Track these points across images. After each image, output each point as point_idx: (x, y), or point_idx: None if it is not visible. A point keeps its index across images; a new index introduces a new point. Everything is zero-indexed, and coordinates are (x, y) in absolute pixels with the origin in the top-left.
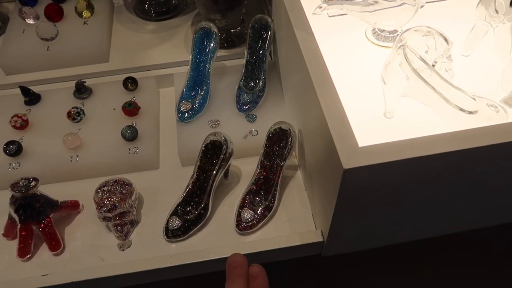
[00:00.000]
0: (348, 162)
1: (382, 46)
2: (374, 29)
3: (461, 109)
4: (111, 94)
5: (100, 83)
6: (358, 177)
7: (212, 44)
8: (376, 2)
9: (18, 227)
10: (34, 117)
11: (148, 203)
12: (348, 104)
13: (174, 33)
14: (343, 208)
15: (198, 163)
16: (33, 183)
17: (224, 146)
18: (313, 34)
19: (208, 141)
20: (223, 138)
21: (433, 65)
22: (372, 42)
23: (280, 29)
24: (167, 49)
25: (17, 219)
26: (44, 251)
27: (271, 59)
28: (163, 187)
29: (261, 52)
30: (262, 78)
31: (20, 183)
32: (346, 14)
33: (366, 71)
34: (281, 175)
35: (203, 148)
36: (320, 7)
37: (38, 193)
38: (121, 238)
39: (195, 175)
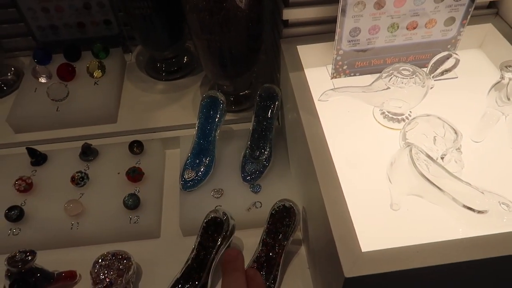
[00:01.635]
0: (350, 270)
1: (391, 128)
2: (382, 110)
3: (470, 208)
4: (116, 157)
5: (107, 144)
6: (359, 284)
7: (218, 112)
8: (381, 87)
9: None
10: (38, 179)
11: (146, 276)
12: (352, 191)
13: (183, 94)
14: None
15: (199, 239)
16: (29, 257)
17: (225, 224)
18: (318, 118)
19: (209, 218)
20: (223, 216)
21: (442, 158)
22: (379, 123)
23: (287, 100)
24: (175, 111)
25: None
26: None
27: (279, 124)
28: (162, 258)
29: (267, 121)
30: (268, 147)
31: (17, 256)
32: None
33: (373, 155)
34: (283, 255)
35: (204, 225)
36: (326, 94)
37: (34, 267)
38: None
39: (195, 251)
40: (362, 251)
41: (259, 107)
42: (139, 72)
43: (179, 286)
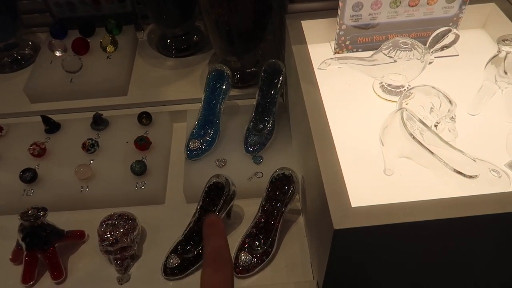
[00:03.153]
0: (339, 222)
1: (389, 100)
2: (382, 82)
3: (460, 173)
4: (126, 127)
5: (117, 115)
6: (348, 237)
7: (224, 86)
8: (380, 59)
9: (24, 254)
10: (52, 145)
11: (150, 238)
12: (347, 158)
13: (191, 70)
14: (335, 264)
15: (201, 203)
16: (41, 213)
17: (226, 188)
18: (318, 87)
19: (211, 183)
20: (225, 180)
21: (436, 125)
22: (378, 95)
23: (290, 76)
24: (183, 86)
25: (23, 246)
26: (47, 278)
27: (283, 100)
28: (166, 223)
29: (271, 95)
30: (271, 121)
31: (30, 212)
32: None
33: (369, 124)
34: (281, 221)
35: (206, 189)
36: (325, 63)
37: (46, 223)
38: (120, 272)
39: (197, 214)
40: (352, 206)
41: (263, 82)
42: (150, 49)
43: (181, 246)
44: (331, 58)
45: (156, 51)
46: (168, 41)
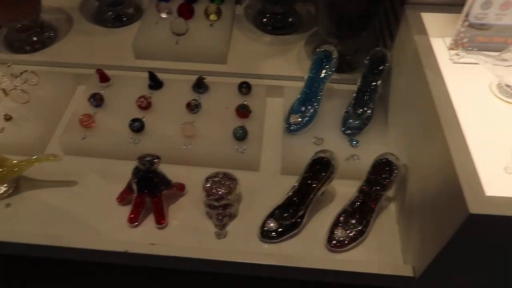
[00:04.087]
0: (475, 208)
1: (506, 102)
2: (500, 83)
3: None
4: (225, 94)
5: (215, 82)
6: (482, 223)
7: (329, 67)
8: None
9: (135, 195)
10: (155, 101)
11: (246, 201)
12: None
13: (288, 49)
14: (451, 251)
15: (303, 175)
16: (156, 160)
17: (332, 164)
18: (443, 79)
19: (317, 157)
20: (332, 157)
21: None
22: (496, 95)
23: (400, 65)
24: (280, 63)
25: (135, 188)
26: (149, 222)
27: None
28: (261, 190)
29: (374, 83)
30: (371, 107)
31: (146, 158)
32: (477, 63)
33: (485, 123)
34: (378, 204)
35: (311, 162)
36: (458, 55)
37: (158, 170)
38: (219, 227)
39: (297, 185)
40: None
41: (367, 69)
42: (247, 23)
43: (279, 212)
44: (464, 51)
45: (253, 25)
46: (265, 18)
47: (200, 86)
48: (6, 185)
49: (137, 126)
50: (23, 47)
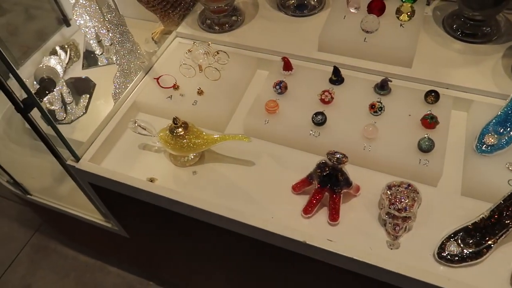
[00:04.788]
0: None
1: None
2: None
3: None
4: (408, 99)
5: (398, 86)
6: None
7: None
8: None
9: (315, 188)
10: (336, 97)
11: (421, 216)
12: None
13: (481, 59)
14: None
15: (499, 203)
16: (344, 159)
17: None
18: None
19: None
20: None
21: None
22: None
23: None
24: (471, 74)
25: (317, 181)
26: (321, 216)
27: None
28: (438, 207)
29: None
30: None
31: (336, 155)
32: None
33: None
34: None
35: (510, 192)
36: None
37: (344, 169)
38: (392, 238)
39: (488, 212)
40: None
41: None
42: (435, 26)
43: (462, 236)
44: None
45: (442, 29)
46: (458, 23)
47: (383, 87)
48: (196, 153)
49: (319, 120)
50: (213, 27)
